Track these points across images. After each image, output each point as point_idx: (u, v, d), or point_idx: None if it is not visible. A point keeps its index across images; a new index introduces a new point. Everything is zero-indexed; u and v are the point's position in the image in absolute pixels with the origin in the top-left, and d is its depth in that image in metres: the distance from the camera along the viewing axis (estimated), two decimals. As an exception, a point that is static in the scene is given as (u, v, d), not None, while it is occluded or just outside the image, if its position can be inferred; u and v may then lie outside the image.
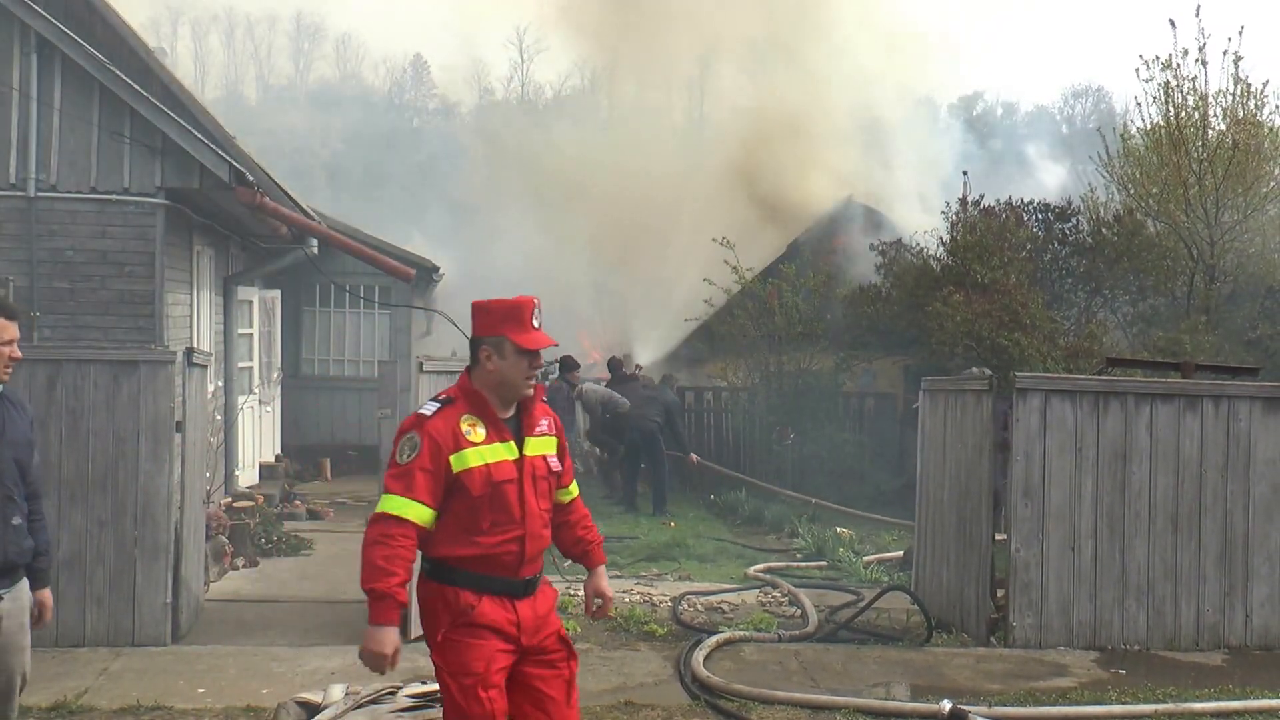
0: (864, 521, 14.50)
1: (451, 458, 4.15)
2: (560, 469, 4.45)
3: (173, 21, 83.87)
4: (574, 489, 4.63)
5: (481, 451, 4.18)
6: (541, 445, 4.36)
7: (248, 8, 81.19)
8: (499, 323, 4.25)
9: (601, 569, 4.73)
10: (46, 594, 4.83)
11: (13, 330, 4.61)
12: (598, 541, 4.74)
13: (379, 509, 4.13)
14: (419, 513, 4.10)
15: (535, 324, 4.27)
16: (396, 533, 4.06)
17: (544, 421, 4.41)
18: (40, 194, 10.88)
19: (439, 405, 4.25)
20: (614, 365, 16.93)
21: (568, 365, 16.16)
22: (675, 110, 24.35)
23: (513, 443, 4.27)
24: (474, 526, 4.16)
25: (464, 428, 4.19)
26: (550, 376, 18.80)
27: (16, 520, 4.58)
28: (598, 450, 17.20)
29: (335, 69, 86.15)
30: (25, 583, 4.68)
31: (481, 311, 4.31)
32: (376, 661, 4.05)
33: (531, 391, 4.31)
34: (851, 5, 26.39)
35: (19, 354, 4.65)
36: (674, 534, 13.23)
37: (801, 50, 25.81)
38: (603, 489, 16.36)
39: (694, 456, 16.07)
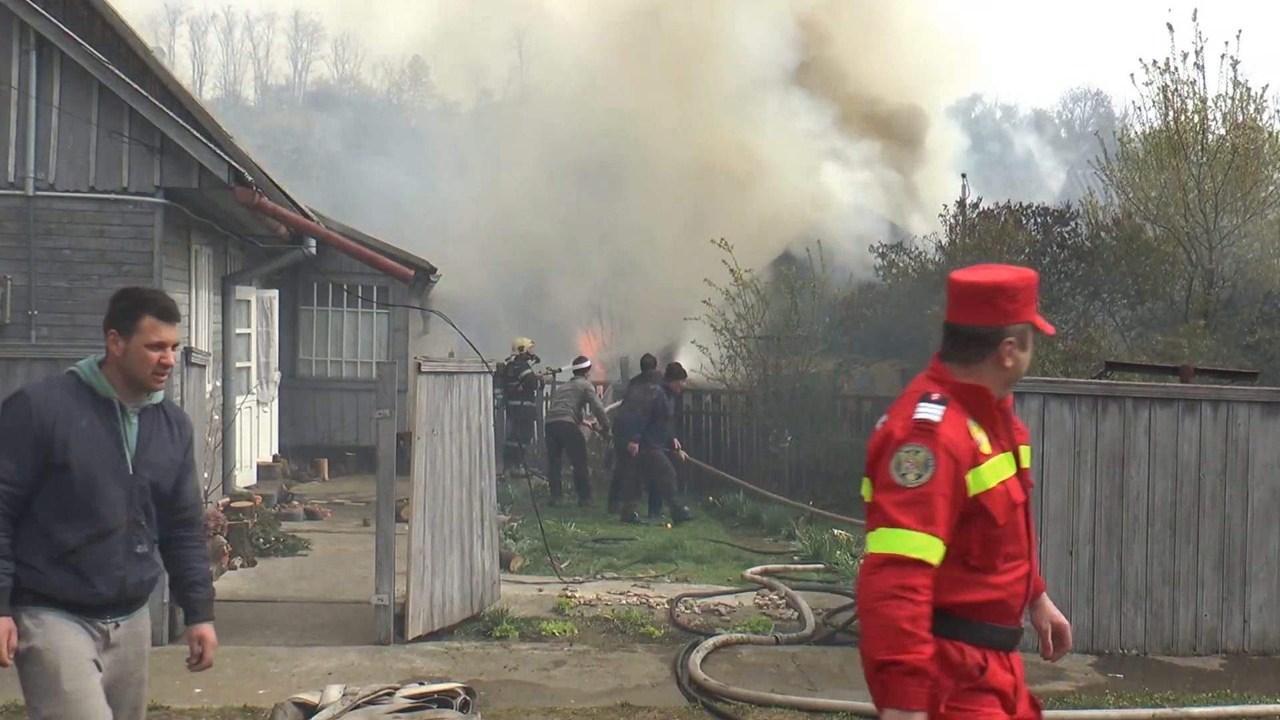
0: (858, 528, 14.49)
1: (969, 476, 3.24)
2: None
3: (171, 20, 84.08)
4: None
5: (995, 467, 3.31)
6: (1027, 456, 3.50)
7: (246, 6, 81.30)
8: (1024, 307, 3.36)
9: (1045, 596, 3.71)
10: (208, 629, 4.36)
11: (166, 333, 4.05)
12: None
13: (886, 549, 3.14)
14: (939, 552, 3.15)
15: None
16: (920, 584, 3.09)
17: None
18: (39, 193, 10.88)
19: (941, 406, 3.29)
20: (646, 363, 16.51)
21: (674, 373, 15.79)
22: (676, 109, 24.30)
23: (1011, 454, 3.41)
24: (987, 564, 3.29)
25: (976, 436, 3.30)
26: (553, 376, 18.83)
27: (142, 548, 4.10)
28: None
29: (334, 69, 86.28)
30: (145, 612, 4.28)
31: (1001, 294, 3.35)
32: None
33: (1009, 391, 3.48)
34: (852, 5, 26.42)
35: (172, 360, 4.08)
36: (671, 536, 13.21)
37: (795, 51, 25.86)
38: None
39: (676, 443, 15.38)
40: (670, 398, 15.21)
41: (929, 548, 3.11)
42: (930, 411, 3.26)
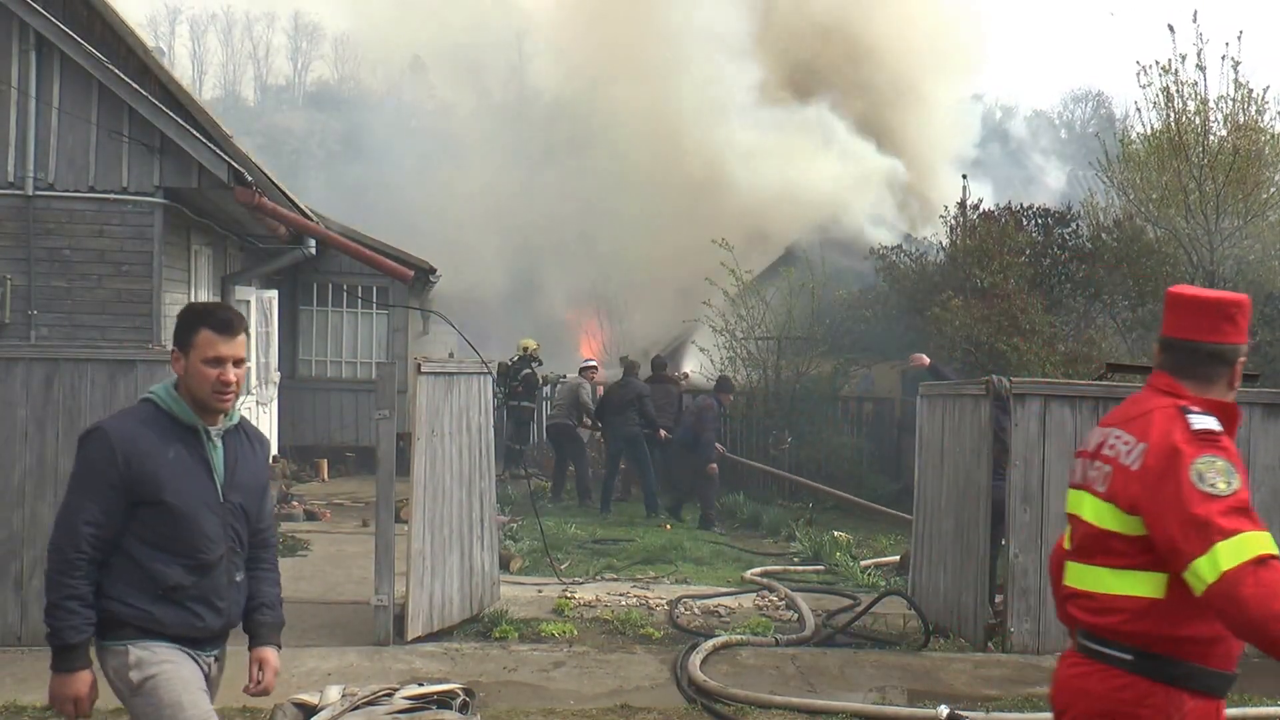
0: (873, 515, 14.59)
1: None
2: None
3: (170, 20, 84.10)
4: None
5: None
6: None
7: (246, 6, 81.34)
8: (1247, 327, 3.26)
9: None
10: (272, 653, 4.07)
11: (224, 347, 3.73)
12: None
13: (1241, 558, 2.87)
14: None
15: None
16: None
17: None
18: (38, 192, 10.88)
19: (1213, 417, 3.14)
20: (656, 365, 16.74)
21: (724, 386, 15.92)
22: (678, 111, 24.34)
23: None
24: None
25: None
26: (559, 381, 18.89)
27: (239, 576, 3.89)
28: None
29: (333, 70, 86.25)
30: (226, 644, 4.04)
31: (1240, 311, 3.31)
32: None
33: None
34: (855, 5, 26.43)
35: (231, 376, 3.74)
36: (670, 537, 13.21)
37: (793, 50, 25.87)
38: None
39: (720, 447, 15.66)
40: (721, 409, 15.57)
41: (1272, 542, 2.92)
42: (1209, 422, 3.11)
